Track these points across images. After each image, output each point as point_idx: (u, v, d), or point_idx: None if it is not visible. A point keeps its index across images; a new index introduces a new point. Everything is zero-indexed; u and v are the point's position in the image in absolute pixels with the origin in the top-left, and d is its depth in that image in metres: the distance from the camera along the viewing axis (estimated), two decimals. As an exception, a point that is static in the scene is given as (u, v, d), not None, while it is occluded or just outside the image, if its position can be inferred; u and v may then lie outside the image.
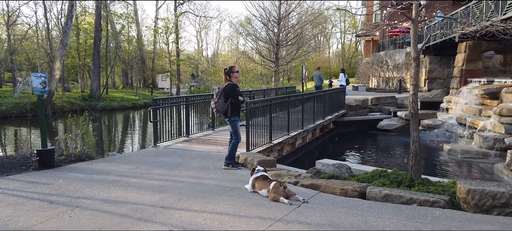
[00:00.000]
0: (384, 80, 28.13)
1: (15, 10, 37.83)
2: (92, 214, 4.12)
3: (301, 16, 26.67)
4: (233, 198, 4.70)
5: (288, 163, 9.22)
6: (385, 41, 31.16)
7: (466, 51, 15.68)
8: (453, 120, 14.02)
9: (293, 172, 6.01)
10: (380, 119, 17.15)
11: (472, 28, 8.92)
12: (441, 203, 4.40)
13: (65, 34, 25.73)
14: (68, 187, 5.14)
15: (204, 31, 67.05)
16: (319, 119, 13.08)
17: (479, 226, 3.80)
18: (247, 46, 41.75)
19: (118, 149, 14.67)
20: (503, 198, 4.16)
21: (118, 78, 48.31)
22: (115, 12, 39.60)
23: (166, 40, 39.23)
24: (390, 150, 13.77)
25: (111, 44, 39.30)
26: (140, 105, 31.60)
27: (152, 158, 7.13)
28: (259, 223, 3.82)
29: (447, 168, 10.72)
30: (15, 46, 33.10)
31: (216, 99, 6.31)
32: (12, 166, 6.23)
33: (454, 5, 23.37)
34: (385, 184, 5.12)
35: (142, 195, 4.81)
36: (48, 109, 22.35)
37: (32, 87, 6.35)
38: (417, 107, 5.44)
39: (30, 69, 35.00)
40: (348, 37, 61.17)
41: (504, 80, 12.89)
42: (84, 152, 7.49)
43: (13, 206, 4.40)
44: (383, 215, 4.09)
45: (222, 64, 44.32)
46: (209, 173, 6.04)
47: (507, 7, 11.28)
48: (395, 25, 24.30)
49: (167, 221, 3.90)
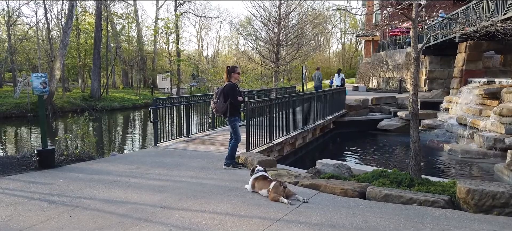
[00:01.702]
0: (384, 80, 28.13)
1: (16, 10, 37.82)
2: (92, 214, 4.12)
3: (301, 16, 26.70)
4: (233, 198, 4.70)
5: (288, 163, 9.22)
6: (385, 41, 31.17)
7: (466, 51, 15.67)
8: (453, 120, 14.02)
9: (293, 172, 6.01)
10: (380, 119, 17.15)
11: (472, 28, 8.93)
12: (441, 203, 4.41)
13: (65, 34, 25.74)
14: (68, 187, 5.15)
15: (204, 31, 67.20)
16: (319, 119, 13.08)
17: (479, 226, 3.80)
18: (247, 46, 41.77)
19: (118, 149, 14.67)
20: (503, 198, 4.16)
21: (118, 79, 48.32)
22: (115, 12, 39.67)
23: (166, 40, 39.28)
24: (390, 150, 13.77)
25: (111, 44, 39.29)
26: (140, 106, 31.60)
27: (152, 158, 7.13)
28: (259, 223, 3.83)
29: (447, 168, 10.72)
30: (15, 46, 33.12)
31: (216, 99, 6.32)
32: (13, 166, 6.24)
33: (454, 5, 23.37)
34: (385, 184, 5.12)
35: (142, 195, 4.82)
36: (49, 109, 22.36)
37: (33, 87, 6.35)
38: (417, 108, 5.44)
39: (31, 69, 35.05)
40: (348, 37, 61.18)
41: (505, 81, 12.88)
42: (84, 152, 7.49)
43: (13, 206, 4.40)
44: (383, 215, 4.09)
45: (222, 64, 44.38)
46: (209, 173, 6.05)
47: (507, 7, 11.28)
48: (395, 25, 24.29)
49: (167, 221, 3.90)
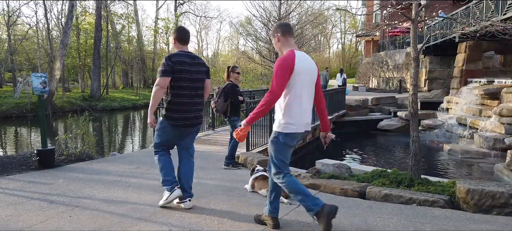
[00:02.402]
0: (384, 81, 28.13)
1: (16, 10, 37.87)
2: (92, 213, 4.12)
3: (301, 16, 26.66)
4: (233, 198, 4.70)
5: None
6: (385, 41, 31.18)
7: (466, 52, 15.68)
8: (453, 120, 14.02)
9: (293, 171, 6.01)
10: (380, 119, 17.16)
11: (472, 28, 8.93)
12: (440, 203, 4.41)
13: (65, 34, 25.74)
14: (68, 187, 5.15)
15: (204, 31, 67.31)
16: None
17: (478, 226, 3.81)
18: (247, 46, 41.77)
19: (118, 149, 14.68)
20: (502, 198, 4.16)
21: (118, 79, 48.31)
22: (115, 12, 39.64)
23: (167, 40, 39.22)
24: (390, 150, 13.78)
25: (111, 44, 39.29)
26: (140, 106, 31.59)
27: (152, 158, 7.12)
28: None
29: (447, 168, 10.73)
30: (15, 46, 33.11)
31: (216, 99, 6.34)
32: (12, 166, 6.24)
33: (454, 5, 23.38)
34: (385, 184, 5.12)
35: (142, 195, 4.82)
36: (48, 109, 22.35)
37: (32, 87, 6.35)
38: (417, 108, 5.45)
39: (31, 69, 35.04)
40: (348, 37, 61.23)
41: (504, 81, 12.89)
42: (84, 152, 7.49)
43: (13, 205, 4.40)
44: (382, 214, 4.10)
45: (222, 64, 44.33)
46: (209, 173, 6.05)
47: (507, 7, 11.29)
48: (395, 25, 24.30)
49: (167, 221, 3.91)
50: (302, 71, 3.33)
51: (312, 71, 3.45)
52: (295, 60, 3.29)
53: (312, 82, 3.47)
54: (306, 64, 3.39)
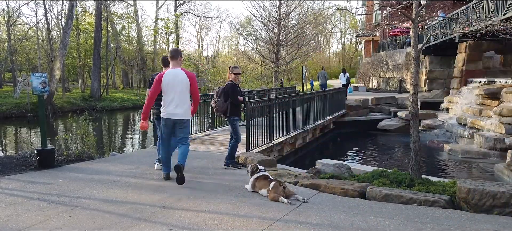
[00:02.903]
0: (384, 81, 28.13)
1: (16, 10, 37.74)
2: (92, 213, 4.11)
3: (301, 16, 26.68)
4: (233, 197, 4.69)
5: (288, 163, 9.22)
6: (385, 41, 31.17)
7: (466, 51, 15.67)
8: (453, 120, 14.02)
9: (293, 171, 6.00)
10: (380, 119, 17.15)
11: (472, 28, 8.93)
12: (441, 203, 4.40)
13: (65, 35, 25.74)
14: (68, 187, 5.14)
15: (204, 31, 67.21)
16: (319, 119, 13.07)
17: (479, 226, 3.80)
18: (247, 47, 41.74)
19: (118, 149, 14.67)
20: (503, 198, 4.15)
21: (118, 79, 48.34)
22: (115, 12, 39.64)
23: (167, 40, 39.25)
24: (390, 150, 13.77)
25: (111, 44, 39.29)
26: (140, 106, 31.49)
27: (152, 158, 7.11)
28: (258, 223, 3.82)
29: (447, 168, 10.72)
30: (15, 46, 33.13)
31: (216, 98, 6.33)
32: (12, 166, 6.23)
33: (454, 5, 23.35)
34: (385, 184, 5.11)
35: (142, 194, 4.81)
36: (48, 109, 22.35)
37: (32, 87, 6.34)
38: (417, 108, 5.44)
39: (31, 70, 35.04)
40: (348, 37, 61.24)
41: (505, 81, 12.87)
42: (84, 152, 7.48)
43: (13, 205, 4.39)
44: (383, 214, 4.09)
45: (222, 64, 44.37)
46: (209, 172, 6.04)
47: (507, 7, 11.27)
48: (395, 25, 24.32)
49: (166, 220, 3.90)
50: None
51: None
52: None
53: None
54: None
